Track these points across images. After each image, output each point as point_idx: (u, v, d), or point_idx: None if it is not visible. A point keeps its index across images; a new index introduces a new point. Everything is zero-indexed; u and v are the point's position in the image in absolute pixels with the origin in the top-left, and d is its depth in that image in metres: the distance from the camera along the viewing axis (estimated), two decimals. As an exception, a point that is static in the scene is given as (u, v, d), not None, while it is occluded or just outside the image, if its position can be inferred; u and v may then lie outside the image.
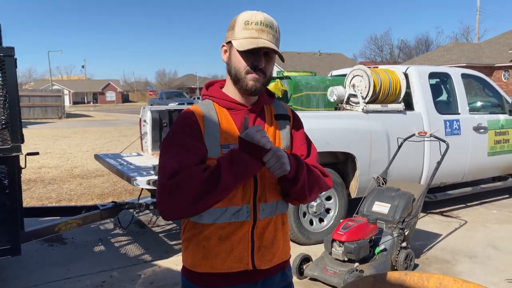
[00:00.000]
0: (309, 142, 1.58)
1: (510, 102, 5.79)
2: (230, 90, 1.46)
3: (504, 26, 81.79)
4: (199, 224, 1.41)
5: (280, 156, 1.31)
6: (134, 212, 4.84)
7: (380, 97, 4.70)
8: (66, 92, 51.22)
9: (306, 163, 1.44)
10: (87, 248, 4.35)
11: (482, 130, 5.40)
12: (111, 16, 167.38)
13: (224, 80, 1.51)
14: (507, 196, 6.24)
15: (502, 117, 5.68)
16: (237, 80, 1.41)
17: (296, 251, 3.86)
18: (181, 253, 1.53)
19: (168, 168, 1.32)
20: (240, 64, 1.38)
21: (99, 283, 3.54)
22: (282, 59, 1.41)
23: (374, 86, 4.58)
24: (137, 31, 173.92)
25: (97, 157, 5.21)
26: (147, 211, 4.76)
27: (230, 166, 1.28)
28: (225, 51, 1.44)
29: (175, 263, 3.89)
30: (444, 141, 4.16)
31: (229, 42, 1.41)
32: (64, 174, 8.21)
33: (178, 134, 1.39)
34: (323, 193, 4.02)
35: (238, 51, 1.37)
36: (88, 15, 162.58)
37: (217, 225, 1.39)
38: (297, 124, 1.56)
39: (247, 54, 1.37)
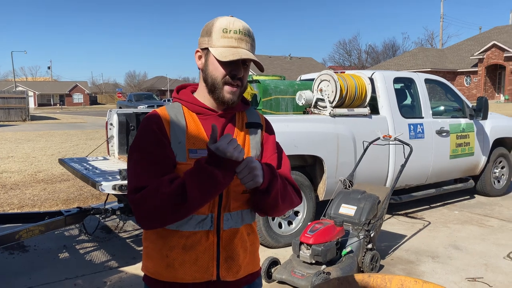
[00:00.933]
0: (280, 152, 1.53)
1: (470, 106, 6.02)
2: (202, 95, 1.42)
3: (466, 32, 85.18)
4: (161, 229, 1.37)
5: (253, 168, 1.25)
6: (100, 218, 4.73)
7: (346, 101, 4.79)
8: (31, 93, 49.64)
9: (280, 175, 1.40)
10: (50, 255, 4.21)
11: (445, 134, 5.59)
12: (79, 17, 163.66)
13: (197, 84, 1.48)
14: (468, 197, 6.47)
15: (463, 121, 5.89)
16: (213, 89, 1.37)
17: (265, 254, 3.87)
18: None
19: (133, 182, 1.31)
20: (218, 73, 1.35)
21: (63, 292, 3.44)
22: (262, 69, 1.39)
23: (341, 90, 4.66)
24: (106, 31, 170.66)
25: (62, 161, 5.07)
26: (114, 216, 4.66)
27: (197, 182, 1.22)
28: (200, 57, 1.41)
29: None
30: (407, 144, 4.28)
31: (205, 49, 1.38)
32: (27, 179, 7.94)
33: (143, 142, 1.35)
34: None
35: (218, 60, 1.34)
36: (54, 15, 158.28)
37: (181, 234, 1.36)
38: (269, 133, 1.52)
39: (226, 64, 1.34)
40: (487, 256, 4.15)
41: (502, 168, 6.54)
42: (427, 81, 5.74)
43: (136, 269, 3.85)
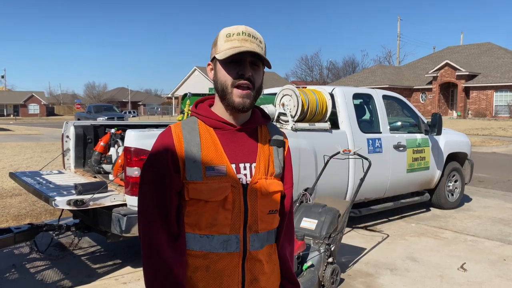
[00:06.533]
0: (291, 171, 1.53)
1: (426, 122, 6.26)
2: (218, 108, 1.37)
3: (421, 51, 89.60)
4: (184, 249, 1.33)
5: None
6: (54, 234, 4.51)
7: (308, 116, 4.86)
8: (-18, 103, 47.23)
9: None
10: (-3, 275, 3.97)
11: (402, 148, 5.77)
12: (35, 24, 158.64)
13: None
14: (424, 210, 6.68)
15: (418, 136, 6.11)
16: (224, 96, 1.32)
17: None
18: (104, 277, 1.45)
19: (143, 211, 1.35)
20: (226, 77, 1.30)
21: (10, 314, 3.23)
22: (269, 66, 1.35)
23: (302, 105, 4.72)
24: (64, 40, 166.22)
25: (13, 175, 4.82)
26: (69, 233, 4.46)
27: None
28: (211, 69, 1.38)
29: (97, 288, 3.67)
30: (366, 158, 4.37)
31: (214, 59, 1.35)
32: (-26, 193, 7.48)
33: (151, 167, 1.35)
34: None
35: (221, 63, 1.31)
36: (8, 22, 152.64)
37: (204, 254, 1.31)
38: (289, 153, 1.50)
39: (231, 65, 1.30)
40: (442, 268, 4.28)
41: (455, 181, 6.81)
42: (384, 97, 5.93)
43: (91, 288, 3.69)
